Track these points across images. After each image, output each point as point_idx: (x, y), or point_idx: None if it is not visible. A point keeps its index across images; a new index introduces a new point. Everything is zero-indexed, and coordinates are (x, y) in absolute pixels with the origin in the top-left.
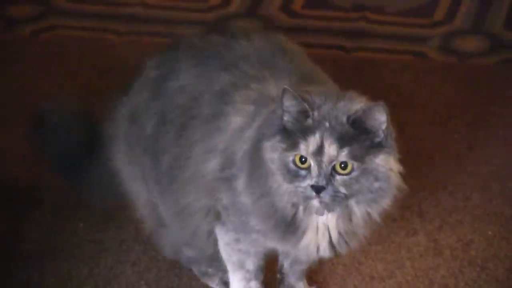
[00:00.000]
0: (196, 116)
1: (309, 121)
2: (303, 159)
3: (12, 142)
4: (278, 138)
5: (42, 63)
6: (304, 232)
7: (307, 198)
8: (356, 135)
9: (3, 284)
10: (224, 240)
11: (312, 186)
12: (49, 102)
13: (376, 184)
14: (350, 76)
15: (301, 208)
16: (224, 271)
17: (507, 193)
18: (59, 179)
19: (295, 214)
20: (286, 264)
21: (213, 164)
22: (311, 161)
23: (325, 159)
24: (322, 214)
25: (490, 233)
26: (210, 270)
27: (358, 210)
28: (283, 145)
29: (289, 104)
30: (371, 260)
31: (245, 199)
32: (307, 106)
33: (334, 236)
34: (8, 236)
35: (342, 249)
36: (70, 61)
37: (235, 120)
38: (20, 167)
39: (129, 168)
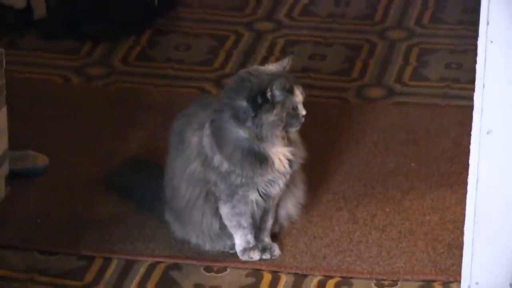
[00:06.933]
0: (170, 146)
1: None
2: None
3: (82, 146)
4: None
5: (110, 105)
6: (273, 162)
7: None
8: None
9: (83, 242)
10: (225, 211)
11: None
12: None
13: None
14: None
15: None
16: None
17: (398, 184)
18: (121, 172)
19: (262, 149)
20: (258, 223)
21: (194, 165)
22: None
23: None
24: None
25: (387, 209)
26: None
27: (292, 135)
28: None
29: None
30: (314, 226)
31: (224, 166)
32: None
33: (289, 155)
34: (87, 212)
35: (296, 163)
36: (126, 103)
37: (193, 140)
38: (86, 161)
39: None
